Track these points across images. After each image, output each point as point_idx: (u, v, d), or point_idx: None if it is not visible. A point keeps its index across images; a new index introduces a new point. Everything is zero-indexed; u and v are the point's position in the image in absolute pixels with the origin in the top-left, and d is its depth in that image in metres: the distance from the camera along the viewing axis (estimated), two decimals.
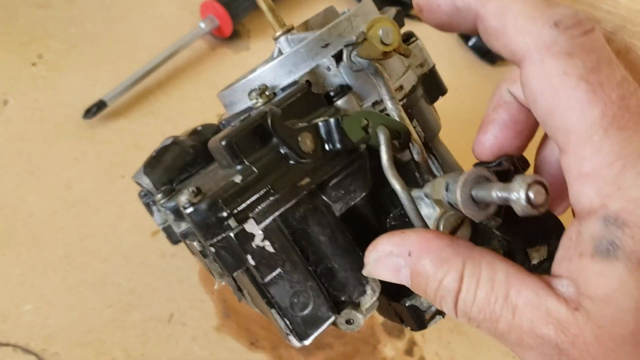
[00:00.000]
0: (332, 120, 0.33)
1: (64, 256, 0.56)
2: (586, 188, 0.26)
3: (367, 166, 0.35)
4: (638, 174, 0.25)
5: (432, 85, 0.39)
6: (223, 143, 0.32)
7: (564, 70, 0.25)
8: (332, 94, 0.35)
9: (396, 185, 0.33)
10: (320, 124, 0.33)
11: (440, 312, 0.36)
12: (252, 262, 0.32)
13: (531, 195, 0.25)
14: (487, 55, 0.79)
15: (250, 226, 0.32)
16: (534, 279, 0.27)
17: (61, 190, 0.59)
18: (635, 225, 0.25)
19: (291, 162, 0.33)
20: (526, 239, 0.35)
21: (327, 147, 0.33)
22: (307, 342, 0.33)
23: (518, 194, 0.26)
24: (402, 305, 0.37)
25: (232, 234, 0.31)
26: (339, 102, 0.35)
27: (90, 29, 0.68)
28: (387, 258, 0.30)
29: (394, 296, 0.37)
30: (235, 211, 0.31)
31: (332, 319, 0.34)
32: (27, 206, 0.57)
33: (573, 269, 0.26)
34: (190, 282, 0.57)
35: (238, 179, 0.32)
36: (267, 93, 0.35)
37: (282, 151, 0.33)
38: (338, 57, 0.35)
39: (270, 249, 0.32)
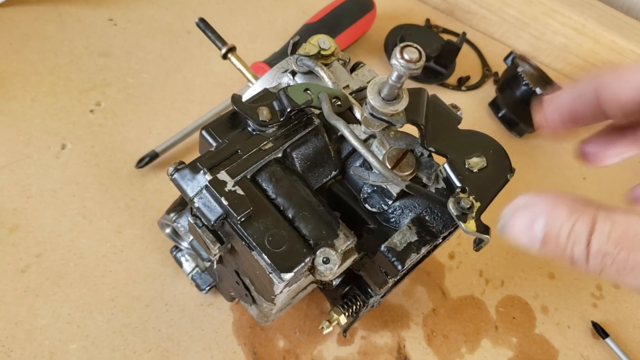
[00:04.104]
0: (280, 91, 0.42)
1: (110, 299, 0.59)
2: None
3: (326, 140, 0.44)
4: None
5: None
6: (202, 131, 0.42)
7: None
8: None
9: (340, 125, 0.40)
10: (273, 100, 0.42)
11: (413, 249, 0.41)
12: (225, 203, 0.38)
13: (405, 55, 0.34)
14: (516, 127, 0.82)
15: (223, 175, 0.39)
16: None
17: (111, 235, 0.62)
18: None
19: (256, 132, 0.42)
20: (461, 151, 0.41)
21: (281, 114, 0.42)
22: (287, 276, 0.38)
23: (395, 59, 0.34)
24: (380, 253, 0.41)
25: (207, 182, 0.39)
26: None
27: (147, 79, 0.72)
28: (522, 210, 0.32)
29: (372, 250, 0.43)
30: (210, 167, 0.40)
31: (309, 257, 0.39)
32: (78, 248, 0.61)
33: None
34: (225, 332, 0.60)
35: (212, 148, 0.42)
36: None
37: (249, 128, 0.42)
38: (293, 73, 0.47)
39: (240, 192, 0.39)
